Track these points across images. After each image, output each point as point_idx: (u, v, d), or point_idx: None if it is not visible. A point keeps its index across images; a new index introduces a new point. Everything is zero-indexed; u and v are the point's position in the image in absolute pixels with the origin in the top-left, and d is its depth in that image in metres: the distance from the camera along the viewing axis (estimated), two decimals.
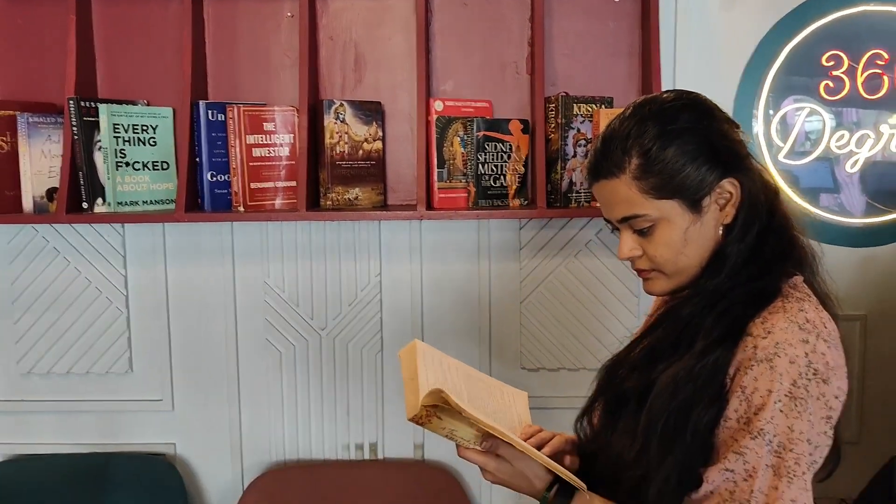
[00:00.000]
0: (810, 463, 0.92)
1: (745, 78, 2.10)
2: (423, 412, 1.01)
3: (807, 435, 0.91)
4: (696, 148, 0.99)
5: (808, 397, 0.91)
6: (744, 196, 1.01)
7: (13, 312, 1.99)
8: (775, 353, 0.91)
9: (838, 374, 0.95)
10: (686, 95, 1.05)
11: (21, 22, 1.90)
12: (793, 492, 0.90)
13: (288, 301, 1.96)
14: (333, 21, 1.88)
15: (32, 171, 1.81)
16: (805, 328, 0.93)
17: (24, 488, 1.96)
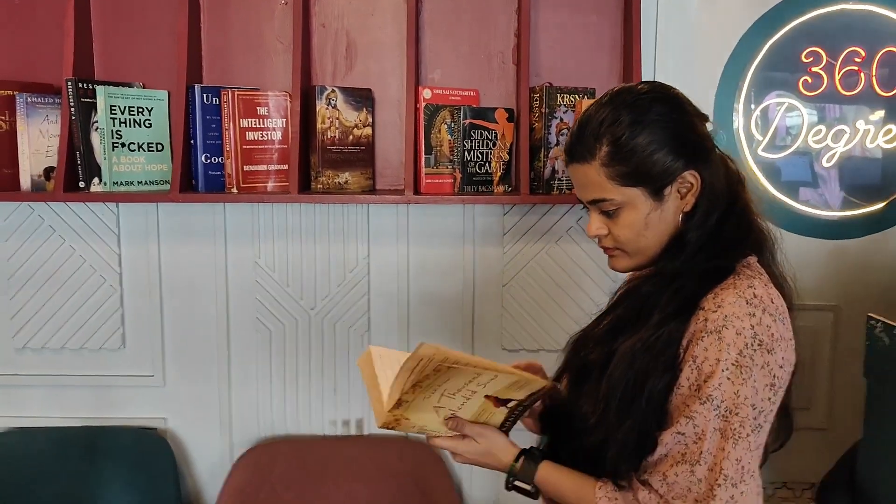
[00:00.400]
0: (755, 427, 0.99)
1: (727, 73, 2.16)
2: (392, 417, 1.07)
3: (751, 400, 0.98)
4: (662, 140, 1.06)
5: (752, 366, 0.98)
6: (704, 187, 1.07)
7: (9, 289, 2.03)
8: (724, 326, 0.99)
9: (783, 345, 1.02)
10: (659, 88, 1.11)
11: (19, 2, 1.94)
12: (738, 452, 0.97)
13: (278, 281, 2.02)
14: (326, 9, 1.93)
15: (30, 151, 1.85)
16: (752, 303, 1.01)
17: (18, 460, 2.01)
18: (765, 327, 1.00)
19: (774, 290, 1.06)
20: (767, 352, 1.00)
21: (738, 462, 0.98)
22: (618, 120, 1.07)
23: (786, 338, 1.03)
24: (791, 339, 1.05)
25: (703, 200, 1.08)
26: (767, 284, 1.06)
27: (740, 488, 0.98)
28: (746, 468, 0.98)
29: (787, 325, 1.05)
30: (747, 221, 1.12)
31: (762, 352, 0.99)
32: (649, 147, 1.06)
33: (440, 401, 1.10)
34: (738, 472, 0.98)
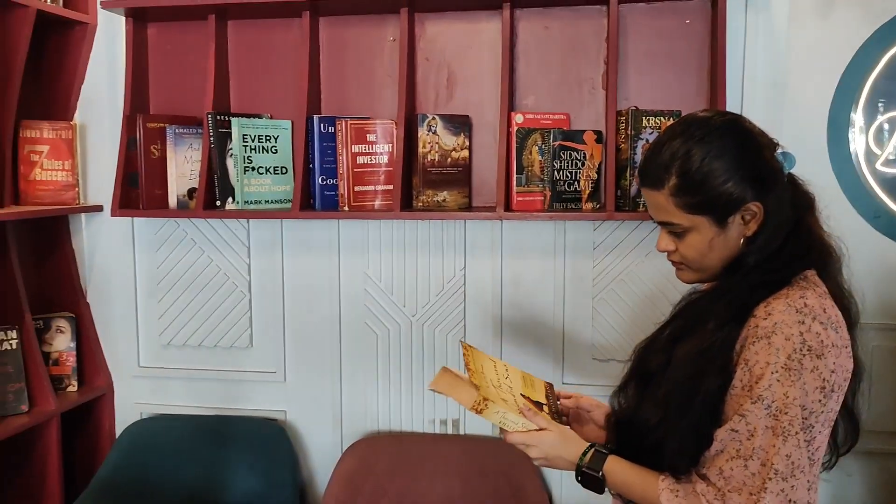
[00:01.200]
0: (804, 426, 1.08)
1: (842, 87, 2.16)
2: (479, 398, 1.25)
3: (800, 401, 1.07)
4: (727, 173, 1.15)
5: (801, 369, 1.07)
6: (767, 215, 1.16)
7: (157, 293, 2.35)
8: (773, 332, 1.08)
9: (834, 352, 1.10)
10: (729, 121, 1.20)
11: (170, 48, 2.25)
12: (788, 448, 1.06)
13: (384, 290, 2.22)
14: (430, 44, 2.13)
15: (177, 174, 2.16)
16: (802, 311, 1.10)
17: (161, 442, 2.30)
18: (814, 334, 1.09)
19: (829, 302, 1.14)
20: (817, 356, 1.08)
21: (788, 458, 1.06)
22: (687, 153, 1.16)
23: (838, 345, 1.11)
24: (845, 347, 1.13)
25: (765, 227, 1.17)
26: (822, 296, 1.14)
27: (790, 482, 1.06)
28: (796, 463, 1.06)
29: (841, 334, 1.12)
30: (809, 240, 1.20)
31: (811, 356, 1.08)
32: (715, 180, 1.15)
33: (498, 392, 1.27)
34: (788, 466, 1.06)
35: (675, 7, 2.00)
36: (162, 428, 2.35)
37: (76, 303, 2.36)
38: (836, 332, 1.12)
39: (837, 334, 1.12)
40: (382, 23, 2.14)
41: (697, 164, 1.15)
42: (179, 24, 2.22)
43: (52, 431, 2.17)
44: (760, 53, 2.00)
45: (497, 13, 2.05)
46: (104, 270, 2.38)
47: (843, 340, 1.13)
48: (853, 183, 2.76)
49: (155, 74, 2.26)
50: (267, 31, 2.19)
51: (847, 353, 1.13)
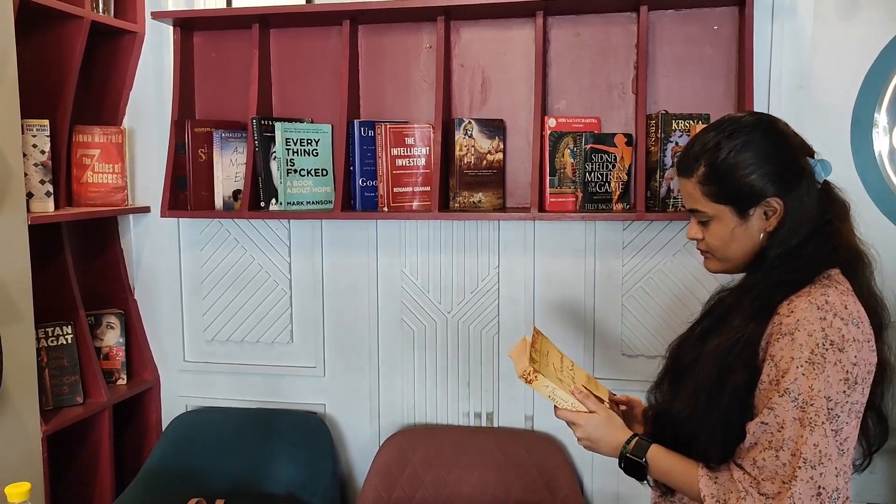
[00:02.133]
0: (831, 417, 1.14)
1: (866, 87, 2.20)
2: (530, 369, 1.33)
3: (825, 392, 1.14)
4: (752, 167, 1.24)
5: (824, 363, 1.14)
6: (787, 212, 1.24)
7: (202, 290, 2.45)
8: (796, 328, 1.16)
9: (856, 346, 1.16)
10: (760, 121, 1.28)
11: (215, 55, 2.35)
12: (815, 438, 1.13)
13: (420, 287, 2.31)
14: (465, 51, 2.21)
15: (223, 177, 2.25)
16: (823, 308, 1.17)
17: (208, 433, 2.40)
18: (835, 329, 1.15)
19: (851, 298, 1.21)
20: (839, 350, 1.15)
21: (816, 447, 1.13)
22: (717, 146, 1.26)
23: (859, 339, 1.17)
24: (867, 342, 1.19)
25: (785, 223, 1.24)
26: (844, 293, 1.21)
27: (819, 470, 1.13)
28: (824, 452, 1.13)
29: (863, 329, 1.19)
30: (836, 242, 1.26)
31: (833, 350, 1.15)
32: (738, 172, 1.24)
33: (557, 374, 1.37)
34: (816, 455, 1.13)
35: (703, 14, 2.06)
36: (206, 420, 2.45)
37: (125, 300, 2.47)
38: (858, 326, 1.18)
39: (859, 329, 1.18)
40: (419, 30, 2.22)
41: (724, 156, 1.25)
42: (224, 32, 2.32)
43: (105, 422, 2.28)
44: (786, 57, 2.06)
45: (530, 20, 2.13)
46: (151, 269, 2.48)
47: (865, 335, 1.19)
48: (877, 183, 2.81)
49: (200, 81, 2.36)
50: (308, 38, 2.28)
51: (869, 347, 1.19)
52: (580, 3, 2.04)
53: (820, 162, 1.27)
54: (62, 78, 2.17)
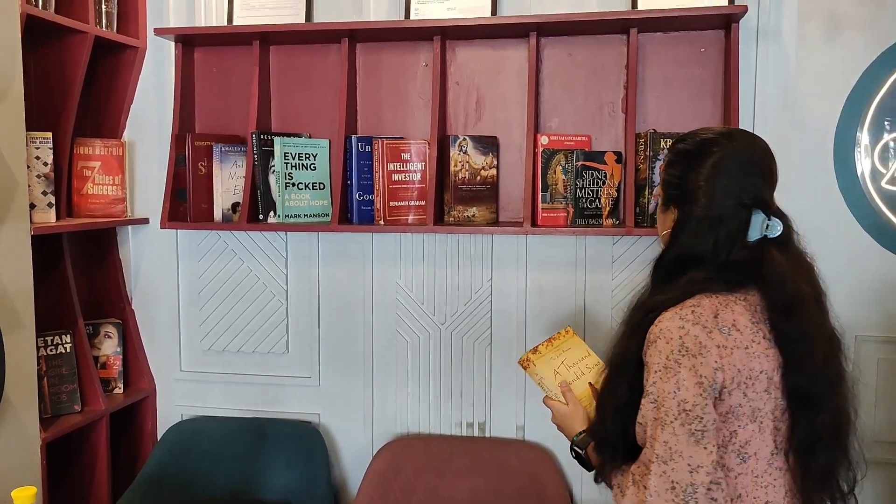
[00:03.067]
0: (690, 419, 1.21)
1: (848, 106, 2.28)
2: (526, 357, 1.57)
3: (679, 396, 1.22)
4: (677, 171, 1.36)
5: (678, 367, 1.23)
6: (676, 225, 1.34)
7: (199, 300, 2.49)
8: (658, 337, 1.26)
9: (719, 352, 1.24)
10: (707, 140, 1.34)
11: (216, 70, 2.40)
12: (665, 436, 1.22)
13: (415, 299, 2.36)
14: (460, 69, 2.27)
15: (222, 189, 2.30)
16: (685, 318, 1.25)
17: (204, 442, 2.43)
18: (692, 337, 1.24)
19: (732, 308, 1.27)
20: (693, 356, 1.23)
21: (666, 444, 1.22)
22: (682, 140, 1.40)
23: (727, 346, 1.24)
24: (743, 348, 1.25)
25: (675, 233, 1.35)
26: (725, 304, 1.27)
27: (670, 465, 1.21)
28: (674, 449, 1.21)
29: (736, 337, 1.25)
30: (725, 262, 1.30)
31: (688, 356, 1.23)
32: (669, 168, 1.39)
33: (559, 367, 1.56)
34: (667, 452, 1.22)
35: (690, 37, 2.14)
36: (202, 429, 2.47)
37: (122, 310, 2.51)
38: (727, 334, 1.25)
39: (729, 336, 1.25)
40: (416, 49, 2.28)
41: (673, 153, 1.40)
42: (225, 48, 2.37)
43: (102, 430, 2.31)
44: (771, 78, 2.13)
45: (523, 41, 2.20)
46: (149, 279, 2.52)
47: (739, 342, 1.25)
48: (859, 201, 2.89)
49: (201, 95, 2.40)
50: (307, 55, 2.34)
51: (747, 353, 1.25)
52: (572, 24, 2.11)
53: (768, 224, 1.30)
54: (65, 91, 2.21)
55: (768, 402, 1.28)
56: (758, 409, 1.27)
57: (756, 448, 1.28)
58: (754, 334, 1.28)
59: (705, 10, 2.01)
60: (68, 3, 2.18)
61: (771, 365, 1.28)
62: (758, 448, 1.28)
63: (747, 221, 1.30)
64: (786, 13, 2.11)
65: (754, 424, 1.28)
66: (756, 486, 1.28)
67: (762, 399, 1.27)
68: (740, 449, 1.28)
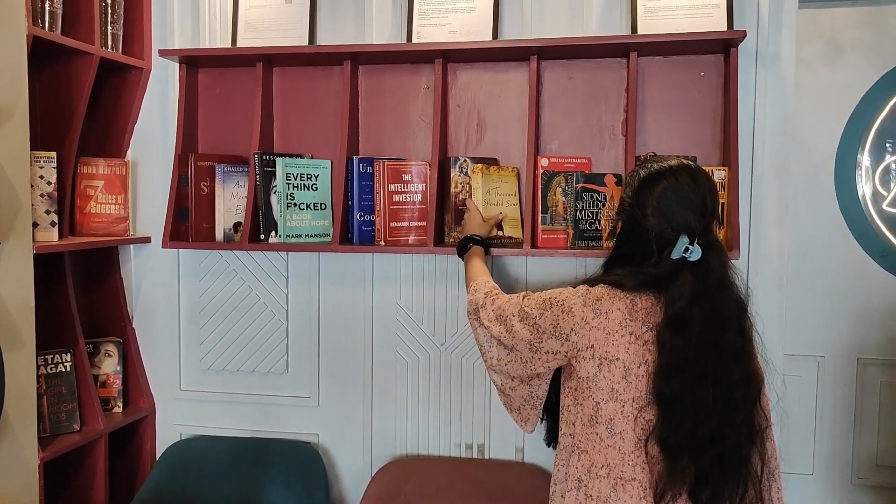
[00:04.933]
0: (522, 316, 1.66)
1: (849, 129, 2.30)
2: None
3: (531, 313, 1.65)
4: (625, 195, 1.64)
5: (547, 307, 1.62)
6: (621, 230, 1.65)
7: (199, 320, 2.49)
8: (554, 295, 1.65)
9: (575, 319, 1.56)
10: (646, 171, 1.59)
11: (219, 91, 2.43)
12: (507, 313, 1.70)
13: (415, 319, 2.36)
14: (461, 91, 2.29)
15: (224, 209, 2.31)
16: (577, 293, 1.59)
17: (203, 462, 2.42)
18: (570, 303, 1.57)
19: (609, 301, 1.54)
20: (558, 306, 1.59)
21: (501, 308, 1.72)
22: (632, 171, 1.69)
23: (587, 320, 1.55)
24: (596, 328, 1.54)
25: (619, 242, 1.67)
26: (613, 296, 1.55)
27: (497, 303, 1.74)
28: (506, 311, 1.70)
29: (601, 319, 1.54)
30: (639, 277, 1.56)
31: (557, 304, 1.60)
32: (623, 189, 1.68)
33: (491, 190, 2.14)
34: (500, 313, 1.71)
35: (690, 60, 2.15)
36: (201, 449, 2.47)
37: (123, 328, 2.51)
38: (597, 316, 1.54)
39: (597, 319, 1.54)
40: (417, 71, 2.30)
41: (630, 175, 1.67)
42: (229, 70, 2.39)
43: (101, 450, 2.30)
44: (770, 102, 2.14)
45: (524, 64, 2.22)
46: (150, 298, 2.53)
47: (601, 326, 1.53)
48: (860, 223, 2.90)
49: (204, 116, 2.43)
50: (310, 77, 2.36)
51: (606, 337, 1.53)
52: (573, 48, 2.13)
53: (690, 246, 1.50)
54: (70, 111, 2.23)
55: (627, 389, 1.51)
56: (616, 391, 1.51)
57: (621, 428, 1.51)
58: (622, 328, 1.52)
59: (704, 35, 2.03)
60: (75, 24, 2.21)
61: (631, 358, 1.51)
62: (623, 428, 1.51)
63: (673, 242, 1.51)
64: (784, 38, 2.12)
65: (616, 404, 1.52)
66: (623, 463, 1.51)
67: (620, 385, 1.51)
68: (608, 423, 1.52)
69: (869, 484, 2.81)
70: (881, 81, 2.89)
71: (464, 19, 2.23)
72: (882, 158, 2.87)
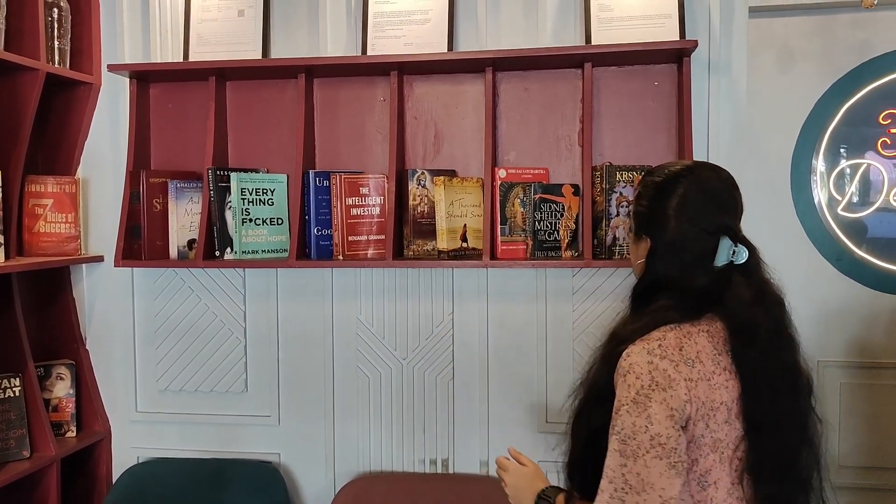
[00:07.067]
0: (659, 451, 1.23)
1: (803, 135, 2.33)
2: None
3: (653, 430, 1.23)
4: (646, 201, 1.41)
5: (648, 402, 1.24)
6: (651, 253, 1.39)
7: (155, 339, 2.43)
8: (628, 371, 1.27)
9: (688, 385, 1.26)
10: (659, 175, 1.41)
11: (171, 106, 2.38)
12: (637, 467, 1.23)
13: (376, 334, 2.33)
14: (417, 104, 2.28)
15: (178, 226, 2.26)
16: (653, 352, 1.27)
17: (160, 485, 2.36)
18: (661, 371, 1.25)
19: (696, 340, 1.30)
20: (663, 390, 1.24)
21: (639, 475, 1.23)
22: (650, 174, 1.45)
23: (692, 378, 1.26)
24: (706, 380, 1.28)
25: (650, 261, 1.39)
26: (689, 334, 1.31)
27: (643, 496, 1.22)
28: (647, 480, 1.22)
29: (699, 369, 1.28)
30: (681, 290, 1.36)
31: (659, 390, 1.24)
32: (640, 199, 1.43)
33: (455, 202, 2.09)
34: (639, 483, 1.22)
35: (644, 70, 2.17)
36: (158, 472, 2.41)
37: (76, 350, 2.44)
38: (692, 367, 1.27)
39: (693, 369, 1.27)
40: (373, 84, 2.28)
41: (642, 186, 1.44)
42: (181, 84, 2.35)
43: (52, 477, 2.23)
44: (723, 110, 2.16)
45: (480, 76, 2.21)
46: (103, 318, 2.46)
47: (701, 374, 1.28)
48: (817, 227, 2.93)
49: (157, 131, 2.38)
50: (264, 91, 2.33)
51: (709, 384, 1.28)
52: (528, 59, 2.13)
53: (734, 251, 1.34)
54: (16, 129, 2.17)
55: (729, 432, 1.30)
56: (719, 440, 1.29)
57: (717, 477, 1.30)
58: (715, 365, 1.30)
59: (656, 45, 2.04)
60: (19, 39, 2.15)
61: (731, 396, 1.30)
62: (718, 477, 1.30)
63: (714, 247, 1.34)
64: (735, 47, 2.15)
65: (715, 454, 1.29)
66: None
67: (723, 430, 1.29)
68: (700, 477, 1.29)
69: (832, 485, 2.84)
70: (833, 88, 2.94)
71: (419, 31, 2.22)
72: (836, 163, 2.91)
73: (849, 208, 2.95)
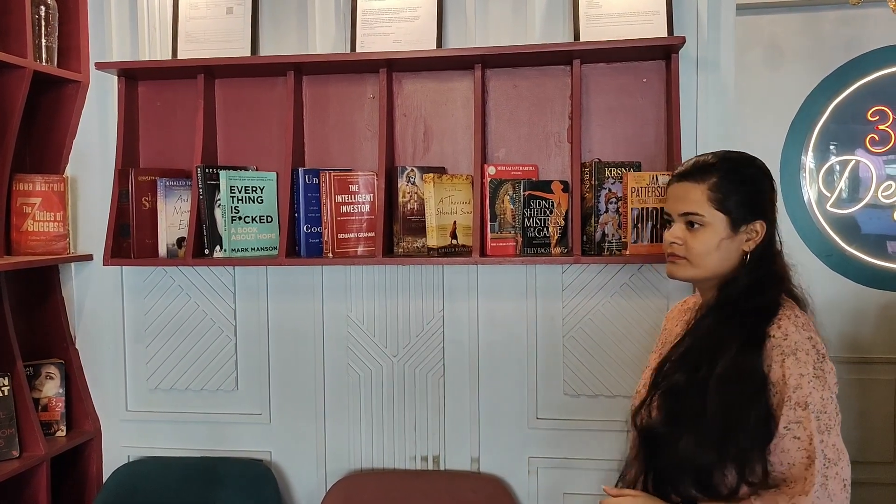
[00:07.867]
0: (838, 419, 1.33)
1: (792, 132, 2.34)
2: None
3: (833, 400, 1.33)
4: (752, 191, 1.43)
5: (824, 375, 1.33)
6: (766, 237, 1.43)
7: (145, 338, 2.43)
8: (797, 348, 1.32)
9: (827, 355, 1.36)
10: (756, 160, 1.48)
11: (160, 104, 2.37)
12: (832, 438, 1.30)
13: (366, 331, 2.33)
14: (407, 101, 2.28)
15: (167, 224, 2.25)
16: (805, 327, 1.36)
17: (151, 484, 2.35)
18: (819, 343, 1.35)
19: (806, 317, 1.40)
20: (825, 360, 1.34)
21: (835, 446, 1.30)
22: (728, 165, 1.44)
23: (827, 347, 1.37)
24: None
25: (760, 248, 1.43)
26: (801, 313, 1.40)
27: (840, 465, 1.30)
28: (840, 449, 1.31)
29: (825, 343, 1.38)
30: (782, 268, 1.44)
31: (825, 361, 1.34)
32: (746, 187, 1.43)
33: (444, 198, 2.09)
34: (836, 454, 1.30)
35: (633, 67, 2.17)
36: (149, 471, 2.40)
37: (65, 349, 2.43)
38: (826, 345, 1.37)
39: (825, 346, 1.37)
40: (362, 81, 2.28)
41: (738, 172, 1.44)
42: (169, 82, 2.34)
43: (42, 476, 2.22)
44: (712, 107, 2.17)
45: (469, 73, 2.21)
46: (93, 317, 2.45)
47: None
48: (807, 224, 2.96)
49: (145, 129, 2.37)
50: (253, 88, 2.32)
51: None
52: (516, 56, 2.13)
53: None
54: (3, 127, 2.16)
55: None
56: None
57: None
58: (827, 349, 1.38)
59: (644, 42, 2.04)
60: (5, 37, 2.14)
61: None
62: None
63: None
64: (723, 44, 2.15)
65: None
66: None
67: None
68: None
69: None
70: (821, 85, 2.96)
71: (408, 28, 2.22)
72: (826, 160, 2.93)
73: (838, 205, 2.97)
